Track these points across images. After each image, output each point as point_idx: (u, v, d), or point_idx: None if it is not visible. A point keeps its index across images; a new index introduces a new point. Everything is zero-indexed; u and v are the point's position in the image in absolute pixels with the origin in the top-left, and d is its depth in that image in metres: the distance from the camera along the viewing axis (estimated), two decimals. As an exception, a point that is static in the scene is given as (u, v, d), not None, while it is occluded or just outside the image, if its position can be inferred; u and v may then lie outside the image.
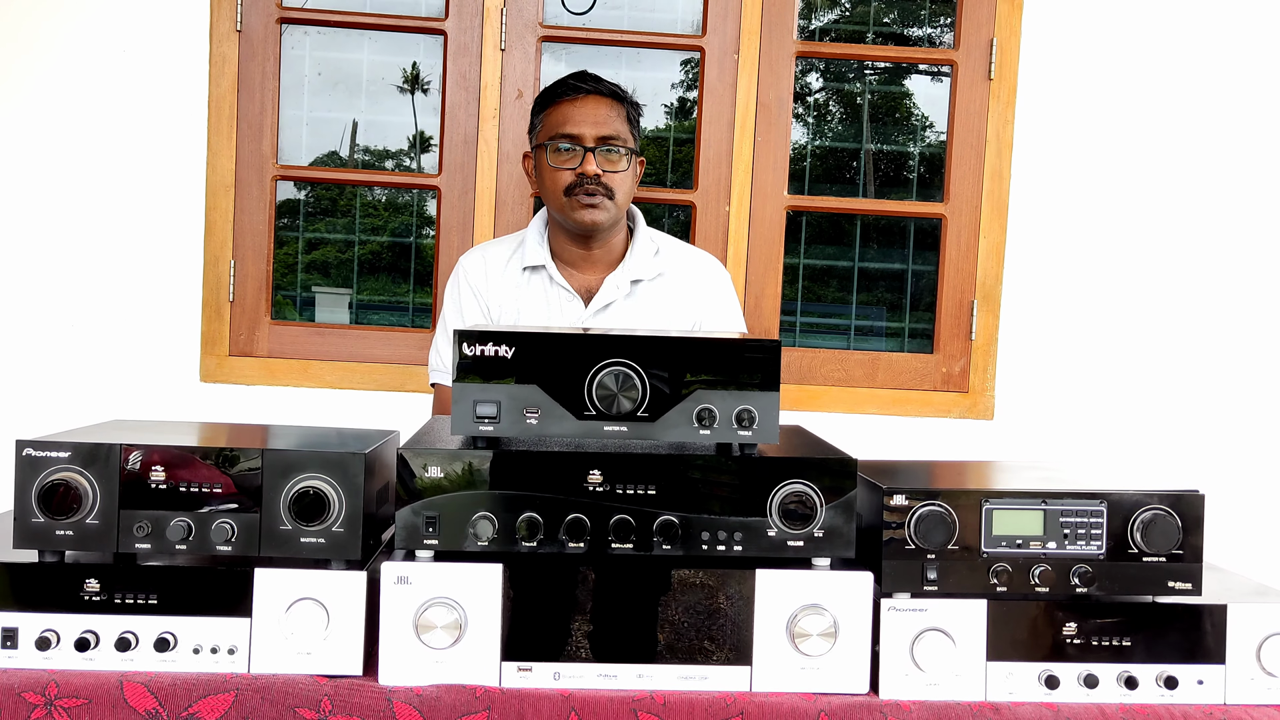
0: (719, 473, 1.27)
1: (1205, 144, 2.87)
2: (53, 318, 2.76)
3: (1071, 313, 2.88)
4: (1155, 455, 2.87)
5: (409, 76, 3.04)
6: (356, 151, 3.11)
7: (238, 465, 1.25)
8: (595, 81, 2.18)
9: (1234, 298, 2.89)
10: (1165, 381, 2.88)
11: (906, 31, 3.18)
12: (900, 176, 3.24)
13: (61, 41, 2.73)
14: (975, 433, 2.87)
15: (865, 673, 1.26)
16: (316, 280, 3.15)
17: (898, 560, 1.27)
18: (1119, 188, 2.87)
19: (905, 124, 3.23)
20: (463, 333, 1.26)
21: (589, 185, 2.10)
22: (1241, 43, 2.87)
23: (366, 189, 3.15)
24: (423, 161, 3.10)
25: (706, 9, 2.84)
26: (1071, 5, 2.85)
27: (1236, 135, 2.88)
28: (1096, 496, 1.28)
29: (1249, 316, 2.89)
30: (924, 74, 3.17)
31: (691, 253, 2.30)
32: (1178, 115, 2.87)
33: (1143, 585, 1.28)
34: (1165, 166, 2.87)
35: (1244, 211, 2.89)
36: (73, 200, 2.76)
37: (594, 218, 2.11)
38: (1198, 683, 1.28)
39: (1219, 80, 2.87)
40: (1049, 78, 2.86)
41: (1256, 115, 2.88)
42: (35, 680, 1.19)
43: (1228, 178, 2.88)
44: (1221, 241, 2.89)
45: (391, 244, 3.18)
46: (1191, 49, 2.86)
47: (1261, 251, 2.89)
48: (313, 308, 3.16)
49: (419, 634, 1.23)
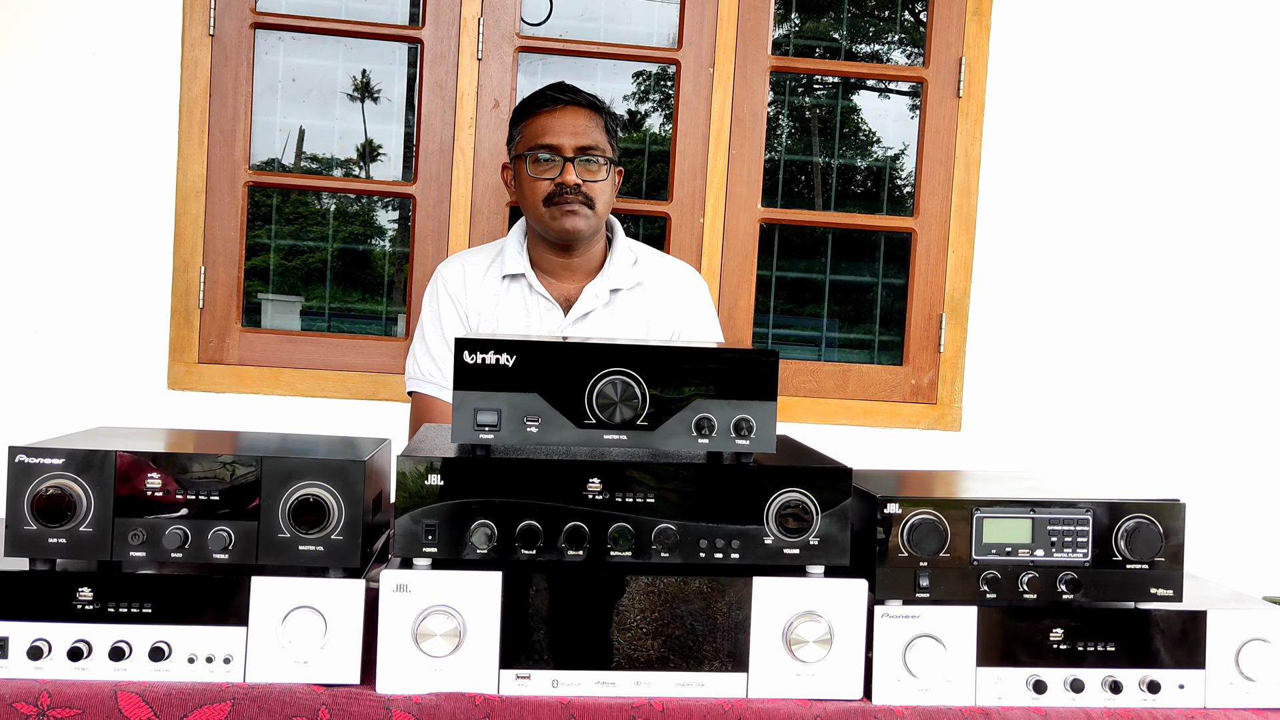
0: (717, 481, 1.28)
1: (1170, 158, 2.95)
2: (17, 323, 2.71)
3: (1038, 326, 2.94)
4: (1121, 466, 2.94)
5: (359, 84, 3.03)
6: (303, 159, 3.08)
7: (235, 472, 1.24)
8: (573, 92, 2.19)
9: (1201, 310, 2.97)
10: (1131, 393, 2.95)
11: (855, 48, 3.23)
12: (854, 191, 3.29)
13: (30, 43, 2.69)
14: (943, 444, 2.92)
15: (859, 679, 1.28)
16: (261, 288, 3.12)
17: (891, 568, 1.29)
18: (1085, 203, 2.94)
19: (854, 139, 3.28)
20: (463, 340, 1.27)
21: (568, 194, 2.11)
22: (1206, 60, 2.95)
23: (315, 197, 3.13)
24: (371, 170, 3.09)
25: (682, 23, 2.87)
26: (1039, 26, 2.92)
27: (1202, 149, 2.96)
28: (1083, 505, 1.31)
29: (1216, 328, 2.97)
30: (872, 90, 3.23)
31: (670, 263, 2.32)
32: (1143, 130, 2.95)
33: (1126, 592, 1.32)
34: (1131, 181, 2.95)
35: (1210, 222, 2.97)
36: (40, 204, 2.71)
37: (574, 226, 2.13)
38: (1179, 687, 1.31)
39: (1184, 97, 2.95)
40: (1016, 96, 2.92)
41: (1224, 124, 2.96)
42: (27, 691, 1.17)
43: (1192, 192, 2.96)
44: (1188, 254, 2.97)
45: (341, 251, 3.15)
46: (1158, 66, 2.94)
47: (1229, 262, 2.98)
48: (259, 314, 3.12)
49: (417, 642, 1.23)
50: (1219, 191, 2.97)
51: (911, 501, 1.29)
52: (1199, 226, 2.97)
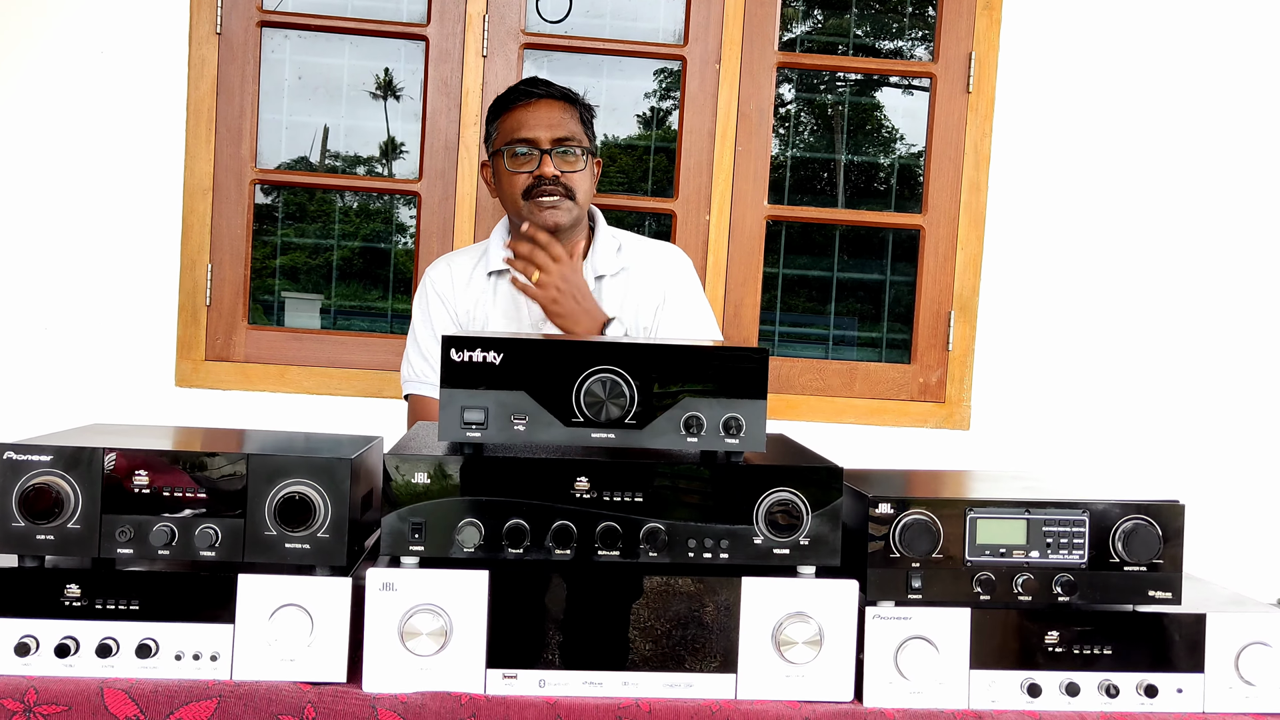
0: (706, 480, 1.27)
1: (1183, 155, 2.92)
2: (26, 320, 2.73)
3: (1048, 324, 2.91)
4: (1131, 466, 2.91)
5: (382, 83, 3.03)
6: (327, 157, 3.09)
7: (222, 470, 1.24)
8: (546, 86, 2.19)
9: (1210, 309, 2.94)
10: (1141, 392, 2.92)
11: (879, 44, 3.20)
12: (871, 188, 3.27)
13: (38, 42, 2.71)
14: (951, 443, 2.90)
15: (850, 681, 1.27)
16: (285, 286, 3.13)
17: (882, 569, 1.28)
18: (1096, 200, 2.91)
19: (875, 136, 3.26)
20: (450, 338, 1.26)
21: (547, 186, 2.11)
22: (1220, 54, 2.92)
23: (338, 195, 3.14)
24: (394, 168, 3.09)
25: (688, 19, 2.86)
26: (1050, 20, 2.89)
27: (1214, 146, 2.92)
28: (1079, 506, 1.29)
29: (1226, 328, 2.94)
30: (895, 87, 3.20)
31: (653, 245, 2.30)
32: (1155, 126, 2.91)
33: (1124, 594, 1.29)
34: (1142, 178, 2.92)
35: (1220, 221, 2.93)
36: (48, 202, 2.73)
37: (555, 219, 2.12)
38: (1177, 691, 1.29)
39: (1197, 93, 2.91)
40: (1027, 91, 2.89)
41: (1233, 125, 2.92)
42: (14, 687, 1.17)
43: (1205, 189, 2.93)
44: (1198, 253, 2.93)
45: (364, 249, 3.16)
46: (1170, 61, 2.91)
47: (1239, 261, 2.94)
48: (283, 312, 3.14)
49: (404, 641, 1.22)
50: (1229, 191, 2.93)
51: (903, 501, 1.28)
52: (1211, 223, 2.93)
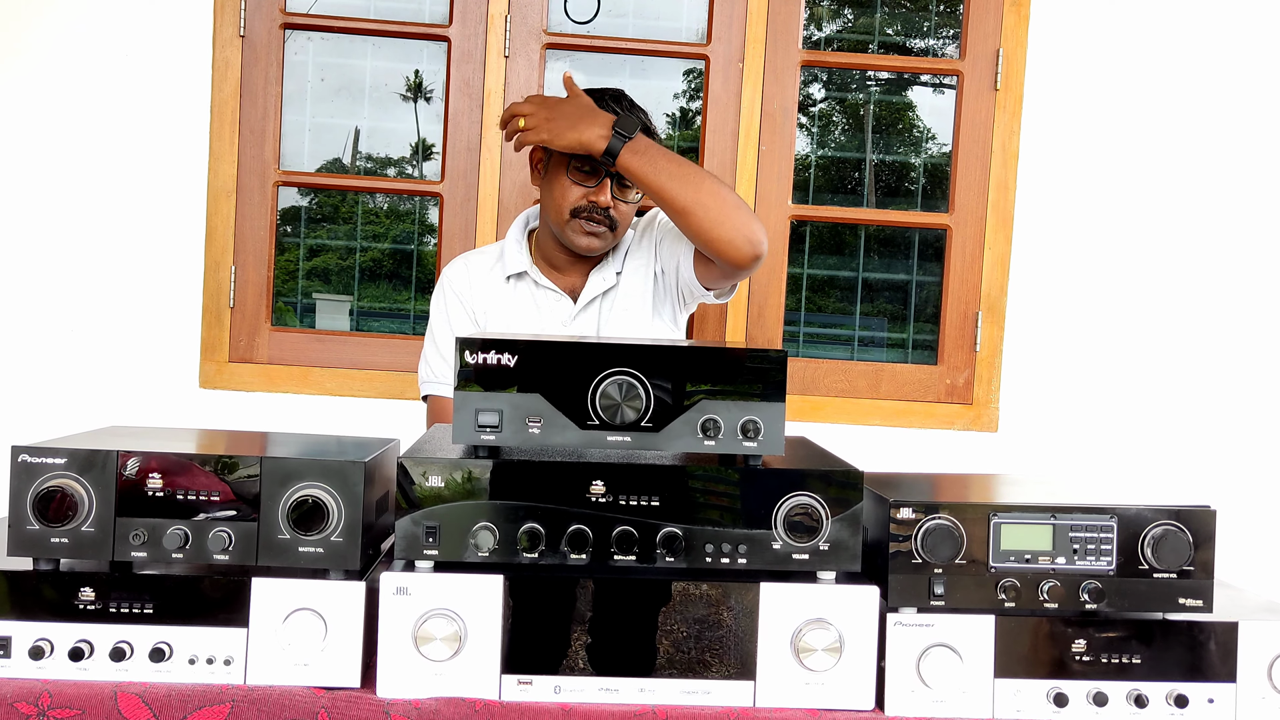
0: (723, 484, 1.25)
1: (1213, 155, 2.86)
2: (52, 322, 2.75)
3: (1077, 325, 2.86)
4: (1161, 469, 2.85)
5: (412, 84, 3.03)
6: (359, 158, 3.10)
7: (236, 473, 1.23)
8: (630, 108, 2.15)
9: (1242, 310, 2.88)
10: (1172, 395, 2.87)
11: (910, 43, 3.17)
12: (902, 187, 3.23)
13: (63, 45, 2.72)
14: (979, 445, 2.85)
15: (870, 689, 1.24)
16: (317, 287, 3.14)
17: (904, 574, 1.25)
18: (1125, 199, 2.86)
19: (908, 135, 3.22)
20: (465, 340, 1.25)
21: (596, 214, 2.09)
22: (1251, 52, 2.86)
23: (369, 196, 3.14)
24: (425, 169, 3.09)
25: (711, 18, 2.83)
26: (1078, 16, 2.84)
27: (1245, 146, 2.86)
28: (1106, 511, 1.26)
29: (1257, 329, 2.88)
30: (926, 85, 3.16)
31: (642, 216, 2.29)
32: (1186, 125, 2.86)
33: (1153, 602, 1.26)
34: (1172, 178, 2.86)
35: (1252, 223, 2.87)
36: (74, 205, 2.74)
37: (590, 245, 2.12)
38: (1208, 701, 1.26)
39: (1228, 91, 2.86)
40: (1055, 88, 2.85)
41: (1266, 125, 2.86)
42: (28, 690, 1.17)
43: (1235, 189, 2.87)
44: (1229, 253, 2.87)
45: (393, 251, 3.16)
46: (1200, 59, 2.85)
47: (1271, 262, 2.88)
48: (314, 314, 3.15)
49: (418, 646, 1.21)
50: (1263, 190, 2.87)
51: (925, 506, 1.25)
52: (1243, 224, 2.87)
